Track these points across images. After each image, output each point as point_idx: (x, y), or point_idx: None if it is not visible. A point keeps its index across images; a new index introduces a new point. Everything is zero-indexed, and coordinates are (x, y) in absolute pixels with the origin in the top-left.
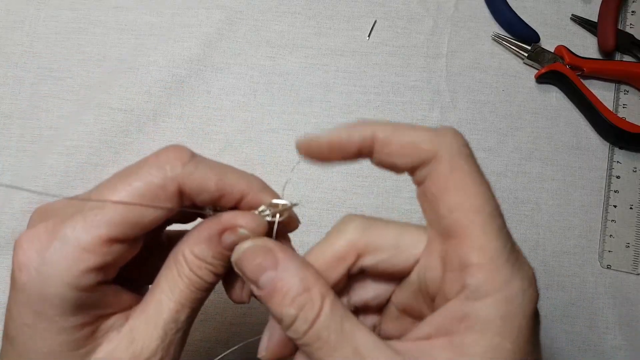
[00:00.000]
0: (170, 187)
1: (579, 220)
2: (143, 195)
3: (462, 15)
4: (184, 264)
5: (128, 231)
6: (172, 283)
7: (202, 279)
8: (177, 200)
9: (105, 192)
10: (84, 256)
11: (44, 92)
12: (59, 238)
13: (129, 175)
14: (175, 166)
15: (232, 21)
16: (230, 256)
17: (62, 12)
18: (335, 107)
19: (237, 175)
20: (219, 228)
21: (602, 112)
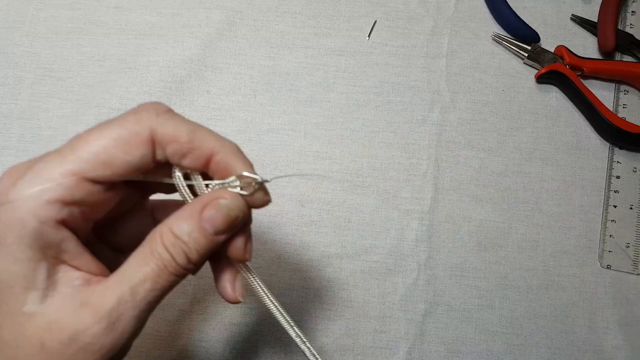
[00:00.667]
0: (143, 133)
1: (579, 220)
2: (116, 139)
3: (462, 15)
4: (158, 240)
5: (99, 171)
6: (142, 259)
7: (173, 259)
8: (150, 149)
9: (82, 136)
10: (52, 187)
11: (44, 92)
12: (32, 170)
13: (108, 122)
14: (150, 115)
15: (232, 21)
16: (210, 239)
17: (62, 12)
18: (335, 107)
19: (210, 133)
20: (199, 206)
21: (602, 112)
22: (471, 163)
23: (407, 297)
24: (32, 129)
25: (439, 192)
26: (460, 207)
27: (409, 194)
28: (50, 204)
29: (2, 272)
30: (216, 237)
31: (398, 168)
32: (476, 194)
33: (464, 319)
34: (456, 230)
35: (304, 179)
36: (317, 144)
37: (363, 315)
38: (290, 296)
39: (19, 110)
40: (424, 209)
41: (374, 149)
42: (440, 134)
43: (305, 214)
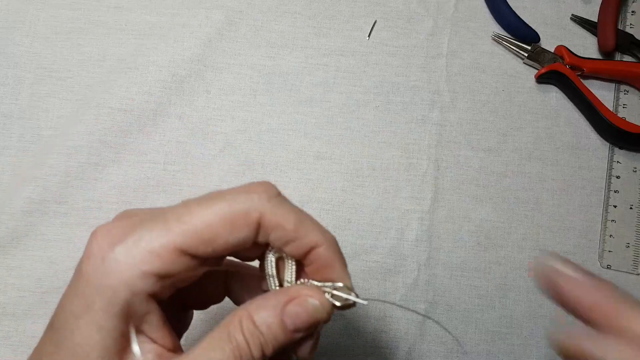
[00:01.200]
0: (253, 215)
1: (579, 220)
2: (224, 217)
3: (462, 15)
4: (237, 326)
5: (200, 247)
6: (217, 342)
7: (249, 348)
8: (255, 231)
9: (191, 206)
10: (151, 259)
11: (44, 92)
12: (133, 235)
13: (217, 196)
14: (262, 198)
15: (232, 21)
16: (287, 335)
17: (62, 12)
18: (335, 107)
19: (314, 223)
20: (285, 298)
21: (602, 112)
22: (471, 163)
23: (407, 297)
24: (32, 129)
25: (439, 192)
26: (460, 207)
27: (409, 194)
28: (145, 276)
29: (83, 338)
30: (294, 335)
31: (398, 168)
32: (476, 194)
33: (464, 319)
34: (456, 230)
35: (304, 179)
36: (317, 144)
37: (363, 315)
38: None
39: (19, 110)
40: (424, 209)
41: (374, 149)
42: (440, 134)
43: None
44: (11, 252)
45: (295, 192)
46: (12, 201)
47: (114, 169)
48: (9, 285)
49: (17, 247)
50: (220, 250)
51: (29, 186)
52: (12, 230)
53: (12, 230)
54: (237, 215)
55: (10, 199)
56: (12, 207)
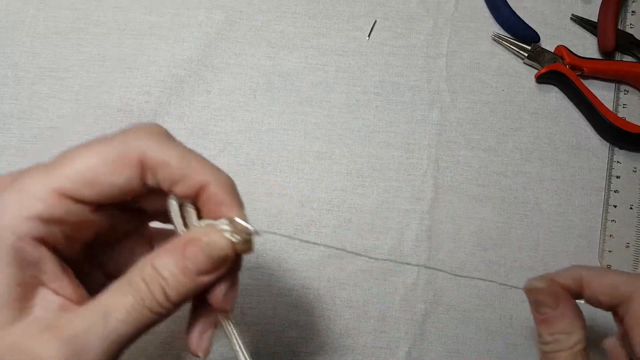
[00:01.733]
0: (133, 153)
1: (579, 220)
2: (103, 158)
3: (462, 15)
4: (138, 272)
5: (82, 190)
6: (119, 289)
7: (151, 293)
8: (138, 171)
9: (69, 152)
10: (32, 202)
11: (44, 92)
12: (18, 183)
13: (99, 140)
14: (140, 136)
15: (232, 21)
16: (191, 278)
17: (62, 12)
18: (335, 107)
19: (204, 161)
20: (183, 241)
21: (602, 112)
22: (471, 163)
23: (407, 297)
24: (32, 129)
25: (439, 192)
26: (460, 207)
27: (409, 194)
28: (28, 220)
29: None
30: (199, 278)
31: (398, 168)
32: (476, 194)
33: (464, 319)
34: (456, 230)
35: (304, 179)
36: (317, 144)
37: (363, 315)
38: (290, 296)
39: (19, 110)
40: (424, 209)
41: (374, 149)
42: (440, 134)
43: (305, 214)
44: None
45: (295, 192)
46: None
47: None
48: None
49: None
50: (105, 193)
51: None
52: None
53: None
54: (116, 155)
55: None
56: None
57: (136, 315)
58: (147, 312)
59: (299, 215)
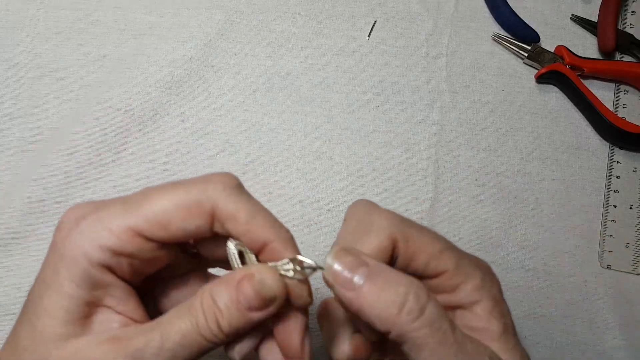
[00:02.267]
0: (206, 204)
1: (579, 220)
2: (178, 204)
3: (462, 15)
4: (198, 299)
5: (155, 231)
6: (179, 313)
7: (206, 321)
8: (209, 221)
9: (150, 193)
10: (107, 235)
11: (44, 92)
12: (97, 214)
13: (176, 184)
14: (218, 188)
15: (232, 21)
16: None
17: (62, 12)
18: (335, 107)
19: (269, 218)
20: (239, 276)
21: (602, 112)
22: (471, 163)
23: None
24: (32, 129)
25: (439, 192)
26: (460, 207)
27: (409, 194)
28: (101, 250)
29: (50, 303)
30: (250, 314)
31: (398, 168)
32: (476, 194)
33: None
34: (456, 230)
35: (304, 179)
36: (317, 144)
37: None
38: None
39: (19, 110)
40: (424, 209)
41: (374, 149)
42: (440, 134)
43: (305, 214)
44: (11, 252)
45: (295, 192)
46: (12, 201)
47: (114, 169)
48: (9, 285)
49: (17, 247)
50: (175, 235)
51: (29, 186)
52: (12, 230)
53: (12, 230)
54: (191, 203)
55: (10, 199)
56: (12, 207)
57: (190, 340)
58: (201, 339)
59: (299, 215)
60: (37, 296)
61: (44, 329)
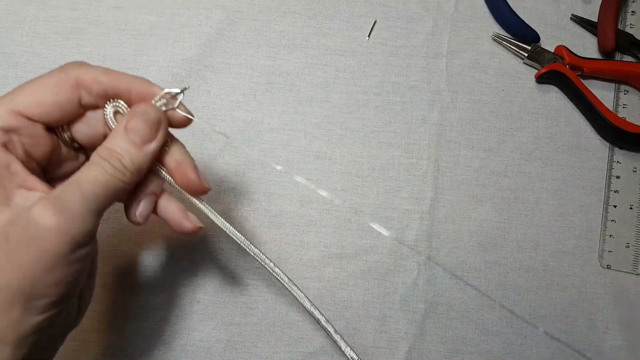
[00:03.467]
0: (69, 79)
1: (579, 220)
2: (46, 85)
3: (462, 15)
4: (95, 154)
5: (33, 109)
6: (85, 167)
7: (111, 164)
8: (76, 89)
9: (20, 86)
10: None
11: None
12: None
13: (40, 76)
14: (74, 66)
15: (232, 21)
16: (140, 149)
17: (62, 12)
18: (335, 107)
19: (124, 73)
20: (124, 121)
21: (602, 112)
22: (471, 163)
23: (407, 297)
24: None
25: (439, 192)
26: (460, 207)
27: (409, 194)
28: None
29: None
30: (145, 147)
31: (398, 168)
32: (476, 194)
33: (464, 319)
34: (456, 230)
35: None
36: (317, 144)
37: (363, 315)
38: (290, 296)
39: None
40: (424, 209)
41: (374, 149)
42: (440, 134)
43: (305, 214)
44: None
45: (296, 192)
46: None
47: None
48: None
49: None
50: (50, 111)
51: None
52: None
53: None
54: (56, 81)
55: None
56: None
57: (104, 181)
58: (112, 179)
59: (299, 215)
60: None
61: None
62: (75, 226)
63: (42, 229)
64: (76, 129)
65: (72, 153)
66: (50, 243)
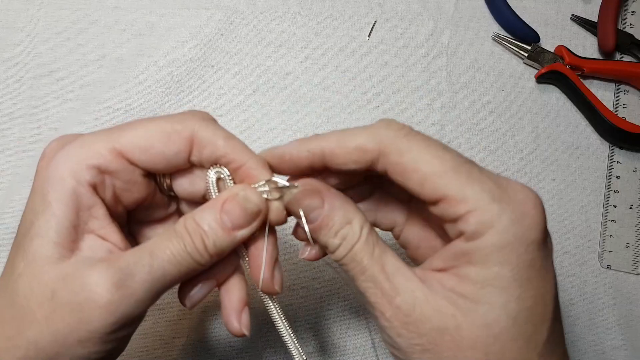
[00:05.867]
0: (186, 130)
1: (579, 220)
2: (159, 131)
3: (462, 15)
4: (181, 224)
5: (137, 153)
6: (164, 236)
7: (192, 241)
8: (187, 146)
9: (131, 123)
10: (92, 154)
11: (44, 92)
12: (80, 139)
13: (157, 117)
14: (195, 118)
15: (232, 21)
16: (227, 232)
17: (62, 12)
18: (335, 107)
19: (244, 145)
20: (222, 199)
21: (602, 112)
22: None
23: None
24: (32, 129)
25: None
26: None
27: None
28: (88, 168)
29: (40, 226)
30: (234, 232)
31: None
32: None
33: None
34: None
35: None
36: None
37: (363, 315)
38: (290, 296)
39: (19, 110)
40: None
41: None
42: (440, 134)
43: None
44: None
45: None
46: (12, 201)
47: None
48: None
49: None
50: (155, 160)
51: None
52: (12, 230)
53: (12, 230)
54: (171, 129)
55: (10, 199)
56: (12, 207)
57: (179, 258)
58: (188, 258)
59: None
60: (27, 223)
61: (36, 252)
62: (130, 306)
63: (92, 300)
64: (177, 181)
65: (165, 200)
66: (95, 317)
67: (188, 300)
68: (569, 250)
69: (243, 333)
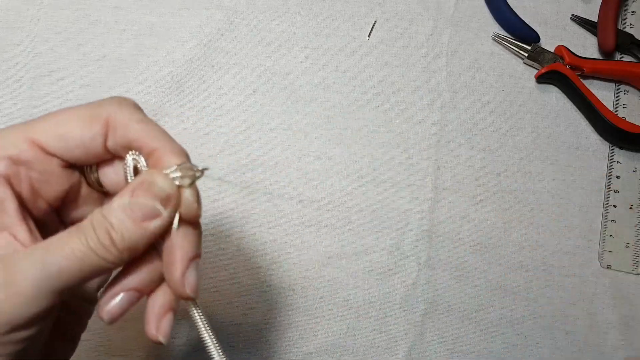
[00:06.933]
0: (101, 114)
1: (579, 220)
2: (76, 115)
3: (462, 15)
4: (87, 220)
5: (52, 142)
6: (66, 233)
7: (97, 237)
8: (104, 129)
9: (50, 112)
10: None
11: (44, 92)
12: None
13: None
14: (113, 103)
15: (232, 21)
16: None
17: (62, 12)
18: (335, 107)
19: (162, 130)
20: (131, 188)
21: (602, 112)
22: (471, 163)
23: (407, 297)
24: None
25: (439, 192)
26: (460, 207)
27: (409, 194)
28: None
29: None
30: (144, 224)
31: (398, 168)
32: (476, 194)
33: (464, 319)
34: (456, 230)
35: (304, 178)
36: (317, 144)
37: (363, 315)
38: (290, 296)
39: (19, 110)
40: (424, 209)
41: (374, 149)
42: (440, 134)
43: (305, 214)
44: None
45: (296, 192)
46: None
47: None
48: None
49: None
50: (71, 147)
51: None
52: None
53: None
54: (87, 114)
55: None
56: None
57: (79, 255)
58: (92, 254)
59: (299, 215)
60: None
61: None
62: (16, 307)
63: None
64: (104, 172)
65: (95, 195)
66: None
67: (105, 313)
68: (569, 250)
69: (159, 341)
